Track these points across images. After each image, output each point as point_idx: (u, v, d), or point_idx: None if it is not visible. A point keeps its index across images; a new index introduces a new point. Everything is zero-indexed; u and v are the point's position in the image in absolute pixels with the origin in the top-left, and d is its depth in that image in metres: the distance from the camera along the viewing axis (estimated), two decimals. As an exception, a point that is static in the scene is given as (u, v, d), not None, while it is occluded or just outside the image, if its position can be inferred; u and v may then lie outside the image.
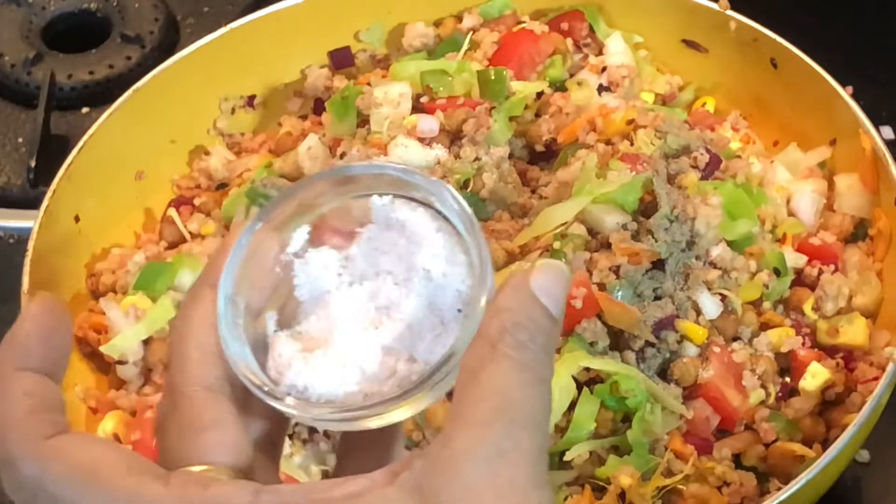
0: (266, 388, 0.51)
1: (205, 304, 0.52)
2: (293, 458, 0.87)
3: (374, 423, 0.51)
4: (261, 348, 0.53)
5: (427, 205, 0.53)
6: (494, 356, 0.49)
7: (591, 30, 1.09)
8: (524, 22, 1.09)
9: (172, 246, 1.01)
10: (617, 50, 1.07)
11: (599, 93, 1.03)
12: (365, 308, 0.52)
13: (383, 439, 0.55)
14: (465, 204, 0.52)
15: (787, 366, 0.91)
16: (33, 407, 0.50)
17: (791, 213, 0.99)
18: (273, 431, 0.54)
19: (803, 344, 0.91)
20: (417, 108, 0.99)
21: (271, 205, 0.54)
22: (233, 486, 0.48)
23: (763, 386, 0.89)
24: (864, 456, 0.95)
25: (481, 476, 0.47)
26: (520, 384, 0.48)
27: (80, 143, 1.01)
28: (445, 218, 0.52)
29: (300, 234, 0.54)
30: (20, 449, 0.49)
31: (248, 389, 0.51)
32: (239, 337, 0.52)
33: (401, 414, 0.51)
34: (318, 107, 1.09)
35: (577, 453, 0.84)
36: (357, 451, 0.55)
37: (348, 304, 0.52)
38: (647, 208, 0.90)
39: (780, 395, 0.89)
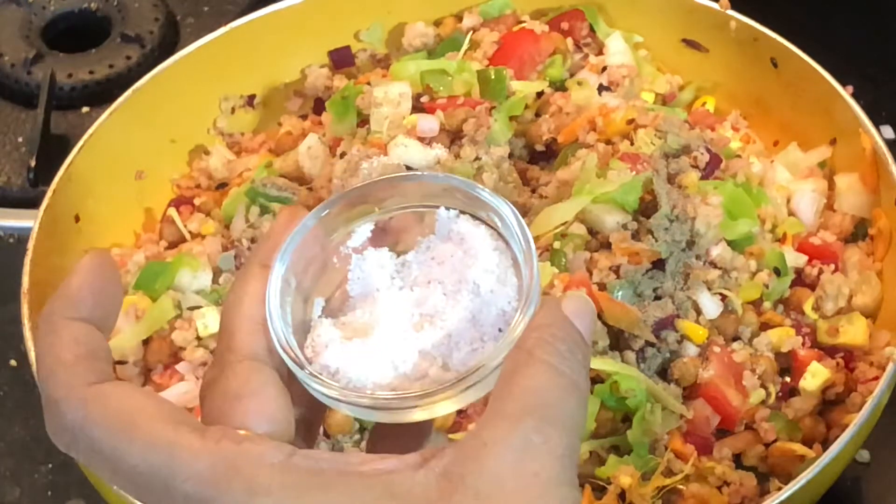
0: (300, 363, 0.52)
1: (256, 281, 0.54)
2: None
3: (395, 417, 0.52)
4: (303, 330, 0.54)
5: (490, 225, 0.55)
6: (531, 361, 0.50)
7: (591, 29, 1.09)
8: (524, 22, 1.09)
9: (172, 246, 1.01)
10: (617, 50, 1.07)
11: (599, 92, 1.03)
12: (410, 312, 0.53)
13: (417, 432, 0.56)
14: (527, 230, 0.54)
15: (787, 366, 0.91)
16: (80, 353, 0.51)
17: (791, 213, 0.99)
18: (309, 418, 0.55)
19: (803, 344, 0.91)
20: (417, 107, 0.99)
21: (340, 196, 0.55)
22: (267, 445, 0.49)
23: (763, 386, 0.89)
24: (864, 456, 0.96)
25: (507, 465, 0.48)
26: (555, 386, 0.50)
27: (80, 143, 1.01)
28: (505, 241, 0.54)
29: (363, 231, 0.56)
30: (65, 392, 0.50)
31: (288, 368, 0.53)
32: (285, 313, 0.53)
33: (420, 415, 0.52)
34: (318, 107, 1.09)
35: (578, 453, 0.84)
36: (387, 441, 0.56)
37: (395, 305, 0.54)
38: (647, 208, 0.90)
39: (780, 395, 0.89)
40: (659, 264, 0.88)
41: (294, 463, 0.48)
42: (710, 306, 0.89)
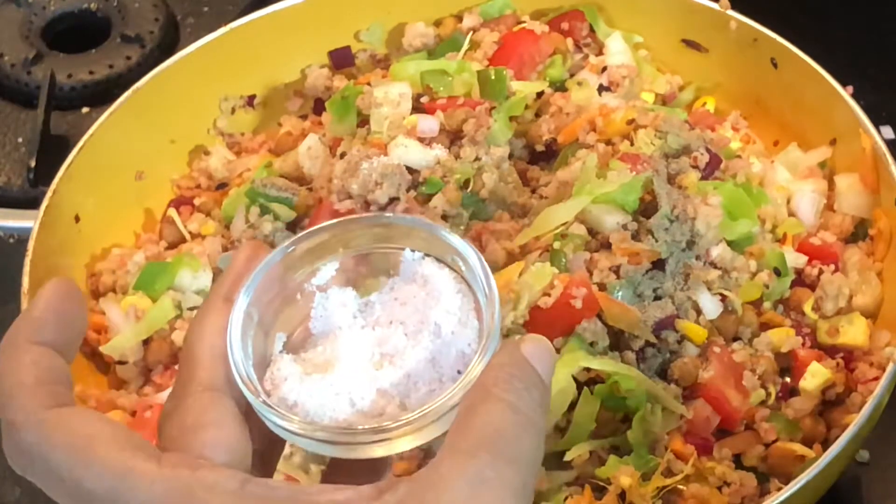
0: (259, 396, 0.53)
1: (218, 314, 0.54)
2: (293, 458, 0.86)
3: (352, 452, 0.53)
4: (263, 364, 0.55)
5: (454, 268, 0.56)
6: (488, 398, 0.51)
7: (591, 30, 1.09)
8: (524, 22, 1.09)
9: (172, 246, 1.01)
10: (617, 50, 1.07)
11: (599, 93, 1.03)
12: (370, 350, 0.54)
13: (372, 468, 0.56)
14: (490, 274, 0.54)
15: (787, 366, 0.91)
16: (40, 377, 0.52)
17: (791, 213, 0.99)
18: (266, 453, 0.55)
19: (803, 344, 0.91)
20: (417, 108, 0.99)
21: (307, 234, 0.56)
22: (222, 472, 0.49)
23: (763, 386, 0.89)
24: (864, 456, 0.96)
25: (461, 498, 0.48)
26: (511, 423, 0.50)
27: (80, 143, 1.01)
28: (469, 284, 0.55)
29: (328, 270, 0.57)
30: (23, 415, 0.51)
31: (247, 401, 0.53)
32: (246, 346, 0.54)
33: (376, 451, 0.53)
34: (318, 107, 1.09)
35: (577, 453, 0.84)
36: (343, 475, 0.56)
37: (355, 343, 0.54)
38: (647, 208, 0.90)
39: (780, 395, 0.89)
40: (659, 264, 0.88)
41: (249, 491, 0.49)
42: (710, 306, 0.89)
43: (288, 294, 0.56)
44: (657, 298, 0.88)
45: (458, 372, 0.53)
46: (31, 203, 1.07)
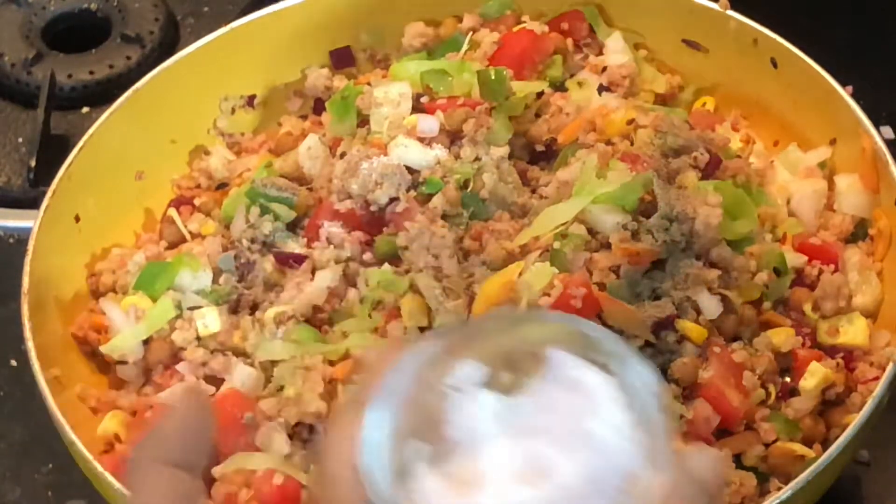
0: None
1: (354, 423, 0.51)
2: (293, 458, 0.86)
3: None
4: (401, 474, 0.50)
5: (610, 372, 0.51)
6: None
7: (591, 30, 1.09)
8: (524, 22, 1.09)
9: (172, 246, 1.01)
10: (617, 50, 1.07)
11: (599, 93, 1.03)
12: (520, 464, 0.49)
13: None
14: (653, 379, 0.49)
15: (787, 366, 0.91)
16: (170, 499, 0.51)
17: (791, 213, 0.99)
18: None
19: (803, 344, 0.91)
20: (417, 108, 0.99)
21: (447, 331, 0.53)
22: None
23: (763, 386, 0.89)
24: (864, 456, 0.96)
25: None
26: None
27: (80, 143, 1.01)
28: (626, 391, 0.50)
29: (468, 370, 0.51)
30: None
31: None
32: (383, 463, 0.50)
33: None
34: (318, 107, 1.09)
35: (578, 453, 0.83)
36: None
37: (502, 455, 0.49)
38: (647, 208, 0.90)
39: (780, 395, 0.89)
40: (659, 264, 0.88)
41: None
42: (710, 306, 0.89)
43: (425, 397, 0.51)
44: (657, 298, 0.88)
45: (620, 489, 0.48)
46: (31, 203, 1.08)
